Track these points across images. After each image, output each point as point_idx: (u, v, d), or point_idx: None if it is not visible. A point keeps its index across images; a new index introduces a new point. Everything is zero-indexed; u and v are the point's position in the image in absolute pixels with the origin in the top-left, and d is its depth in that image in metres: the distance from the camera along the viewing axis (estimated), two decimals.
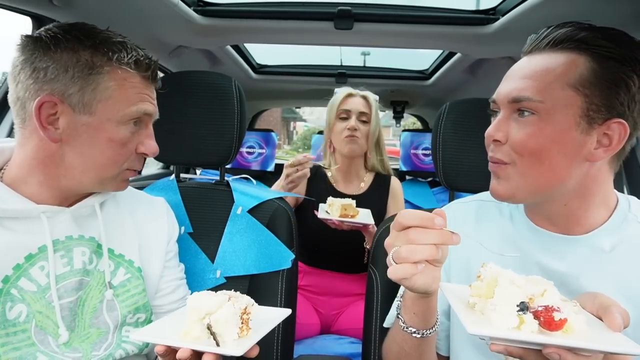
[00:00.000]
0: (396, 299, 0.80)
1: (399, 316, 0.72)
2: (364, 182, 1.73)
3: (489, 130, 0.73)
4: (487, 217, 0.84)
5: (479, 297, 0.58)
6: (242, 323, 0.64)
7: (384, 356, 0.85)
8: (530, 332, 0.51)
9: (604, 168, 0.71)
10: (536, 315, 0.51)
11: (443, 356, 0.86)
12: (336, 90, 1.70)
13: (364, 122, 1.61)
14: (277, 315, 0.72)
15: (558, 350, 0.50)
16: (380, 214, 1.67)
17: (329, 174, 1.74)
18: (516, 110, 0.70)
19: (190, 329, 0.63)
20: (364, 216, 1.41)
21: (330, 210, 1.40)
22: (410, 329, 0.70)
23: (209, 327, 0.61)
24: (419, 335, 0.70)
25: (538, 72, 0.68)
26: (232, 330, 0.63)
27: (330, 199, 1.43)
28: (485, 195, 0.89)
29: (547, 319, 0.50)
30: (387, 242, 0.62)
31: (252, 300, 0.67)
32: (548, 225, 0.75)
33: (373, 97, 1.65)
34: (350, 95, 1.61)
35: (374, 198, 1.68)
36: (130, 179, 0.85)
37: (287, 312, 0.73)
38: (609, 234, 0.72)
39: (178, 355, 0.61)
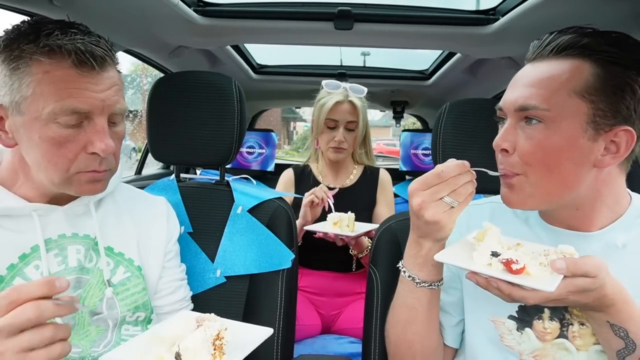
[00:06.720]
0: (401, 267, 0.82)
1: (412, 277, 0.77)
2: (353, 175, 1.73)
3: (497, 140, 0.72)
4: (502, 219, 0.84)
5: (476, 239, 0.73)
6: (214, 349, 0.60)
7: (390, 330, 0.85)
8: (496, 270, 0.64)
9: (614, 171, 0.71)
10: (504, 264, 0.64)
11: (449, 347, 0.87)
12: (323, 83, 1.66)
13: (350, 130, 1.62)
14: (256, 336, 0.67)
15: (495, 281, 0.62)
16: (370, 206, 1.68)
17: (315, 169, 1.74)
18: (523, 119, 0.69)
19: (160, 357, 0.60)
20: (364, 226, 1.43)
21: (341, 226, 1.39)
22: (423, 284, 0.76)
23: (177, 357, 0.58)
24: (431, 287, 0.77)
25: (543, 79, 0.67)
26: (204, 359, 0.59)
27: (337, 215, 1.41)
28: (498, 197, 0.89)
29: (508, 267, 0.63)
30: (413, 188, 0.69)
31: (226, 324, 0.63)
32: (561, 225, 0.77)
33: (360, 102, 1.63)
34: (338, 102, 1.59)
35: (363, 189, 1.69)
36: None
37: (269, 332, 0.68)
38: (622, 230, 0.72)
39: None
